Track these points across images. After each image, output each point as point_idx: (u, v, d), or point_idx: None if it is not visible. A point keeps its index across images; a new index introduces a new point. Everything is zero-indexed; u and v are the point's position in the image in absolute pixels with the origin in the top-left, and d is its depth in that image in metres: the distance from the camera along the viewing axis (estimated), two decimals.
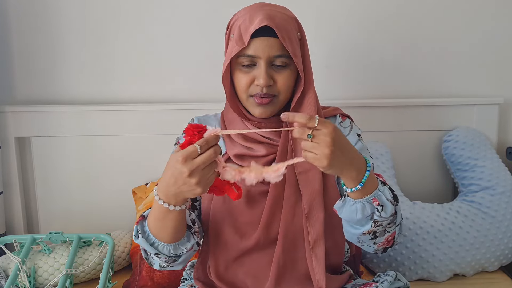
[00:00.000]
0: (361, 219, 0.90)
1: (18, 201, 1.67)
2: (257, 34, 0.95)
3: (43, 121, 1.64)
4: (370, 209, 0.89)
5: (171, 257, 0.96)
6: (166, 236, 0.93)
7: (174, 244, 0.95)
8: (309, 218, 1.00)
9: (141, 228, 0.96)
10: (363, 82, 1.71)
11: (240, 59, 0.98)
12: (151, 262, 1.00)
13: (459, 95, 1.74)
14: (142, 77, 1.69)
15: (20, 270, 1.31)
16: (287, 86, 1.00)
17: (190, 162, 0.79)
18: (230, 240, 1.03)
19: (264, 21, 0.94)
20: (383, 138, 1.69)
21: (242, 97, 1.01)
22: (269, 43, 0.96)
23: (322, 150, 0.79)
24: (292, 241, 1.02)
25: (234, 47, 0.96)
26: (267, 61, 0.97)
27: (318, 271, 1.00)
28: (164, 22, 1.66)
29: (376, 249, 0.99)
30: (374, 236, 0.94)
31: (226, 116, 1.09)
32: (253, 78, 0.98)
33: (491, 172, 1.58)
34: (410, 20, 1.69)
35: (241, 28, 0.97)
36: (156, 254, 0.95)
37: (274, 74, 0.98)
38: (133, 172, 1.67)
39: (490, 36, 1.71)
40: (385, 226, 0.92)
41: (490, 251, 1.51)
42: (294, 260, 1.02)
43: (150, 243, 0.94)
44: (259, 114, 1.01)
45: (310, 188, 1.00)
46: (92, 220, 1.69)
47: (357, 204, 0.89)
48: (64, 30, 1.65)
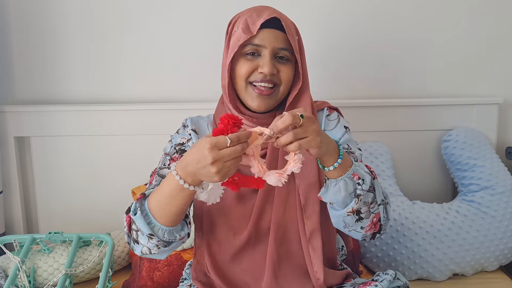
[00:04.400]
0: (345, 197, 0.93)
1: (17, 201, 1.67)
2: (264, 26, 1.01)
3: (43, 120, 1.64)
4: (352, 185, 0.93)
5: (163, 241, 0.95)
6: (166, 217, 0.92)
7: (170, 228, 0.94)
8: (305, 210, 1.02)
9: (140, 206, 0.94)
10: (362, 81, 1.71)
11: (245, 48, 1.02)
12: (134, 247, 0.98)
13: (458, 95, 1.74)
14: (142, 77, 1.69)
15: (19, 270, 1.31)
16: (288, 78, 1.04)
17: (216, 152, 0.80)
18: (224, 238, 1.04)
19: (274, 14, 1.01)
20: (383, 138, 1.69)
21: (241, 85, 1.03)
22: (276, 35, 1.01)
23: (312, 128, 0.84)
24: (284, 234, 1.02)
25: (242, 35, 1.00)
26: (272, 52, 1.01)
27: (316, 262, 1.01)
28: (165, 22, 1.66)
29: (364, 235, 1.00)
30: (359, 217, 0.95)
31: (218, 116, 1.11)
32: (256, 66, 1.02)
33: (491, 172, 1.58)
34: (410, 19, 1.69)
35: (248, 20, 1.02)
36: (150, 235, 0.93)
37: (277, 64, 1.03)
38: (132, 172, 1.67)
39: (490, 36, 1.72)
40: (369, 205, 0.94)
41: (489, 250, 1.51)
42: (289, 253, 1.03)
43: (147, 221, 0.93)
44: (257, 106, 1.03)
45: (307, 180, 1.02)
46: (92, 220, 1.69)
47: (340, 183, 0.92)
48: (64, 30, 1.65)
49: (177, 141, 1.11)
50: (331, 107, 1.15)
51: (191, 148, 0.85)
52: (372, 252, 1.51)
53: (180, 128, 1.14)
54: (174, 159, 1.08)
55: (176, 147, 1.10)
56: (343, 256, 1.21)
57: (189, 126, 1.12)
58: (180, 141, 1.10)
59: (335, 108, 1.16)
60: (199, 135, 1.11)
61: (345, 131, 1.10)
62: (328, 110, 1.14)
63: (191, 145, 1.09)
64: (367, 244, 1.52)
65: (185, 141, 1.10)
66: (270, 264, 1.01)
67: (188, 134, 1.11)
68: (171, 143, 1.12)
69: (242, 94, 1.04)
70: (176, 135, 1.13)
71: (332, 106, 1.15)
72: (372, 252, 1.51)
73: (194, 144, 0.86)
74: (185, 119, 1.16)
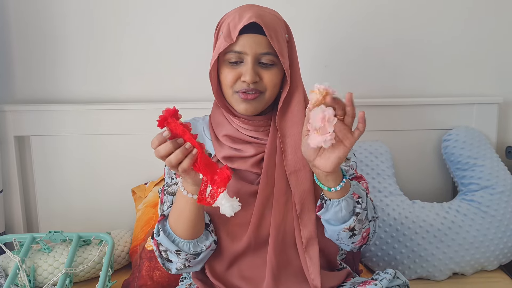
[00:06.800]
0: (345, 216, 0.95)
1: (17, 200, 1.67)
2: (245, 31, 0.97)
3: (43, 120, 1.64)
4: (352, 204, 0.95)
5: (191, 254, 0.98)
6: (185, 231, 0.95)
7: (193, 241, 0.97)
8: (301, 218, 1.01)
9: (162, 226, 0.98)
10: (362, 81, 1.71)
11: (228, 55, 0.99)
12: (169, 266, 1.02)
13: (458, 95, 1.74)
14: (142, 76, 1.69)
15: (19, 269, 1.31)
16: (273, 83, 1.01)
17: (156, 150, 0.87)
18: (223, 243, 1.03)
19: (253, 18, 0.96)
20: (383, 138, 1.69)
21: (228, 92, 1.02)
22: (257, 40, 0.97)
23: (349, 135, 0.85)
24: (283, 241, 1.02)
25: (222, 43, 0.98)
26: (254, 58, 0.98)
27: (313, 270, 1.01)
28: (164, 21, 1.66)
29: (352, 247, 1.04)
30: (352, 234, 0.98)
31: (214, 119, 1.10)
32: (239, 75, 0.99)
33: (491, 171, 1.58)
34: (410, 19, 1.69)
35: (230, 25, 0.98)
36: (177, 251, 0.97)
37: (260, 71, 0.99)
38: (132, 171, 1.67)
39: (490, 36, 1.72)
40: (362, 222, 0.97)
41: (489, 250, 1.51)
42: (288, 259, 1.03)
43: (171, 240, 0.96)
44: (244, 110, 1.01)
45: (301, 188, 1.01)
46: (92, 219, 1.69)
47: (342, 203, 0.93)
48: (64, 30, 1.65)
49: None
50: None
51: None
52: (371, 251, 1.51)
53: None
54: None
55: None
56: (343, 255, 1.21)
57: None
58: None
59: None
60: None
61: None
62: None
63: None
64: None
65: None
66: (269, 271, 1.01)
67: None
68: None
69: (229, 100, 1.03)
70: None
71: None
72: (372, 251, 1.51)
73: None
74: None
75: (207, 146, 1.09)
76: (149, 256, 1.42)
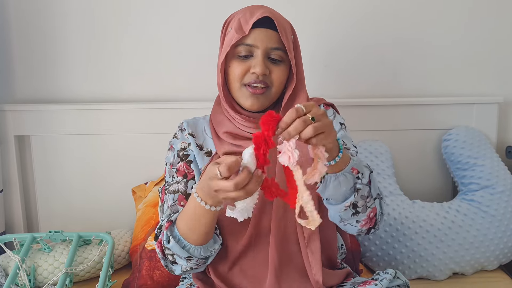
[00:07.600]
0: (345, 192, 0.92)
1: (17, 200, 1.67)
2: (257, 25, 1.00)
3: (43, 119, 1.64)
4: (352, 180, 0.92)
5: (202, 259, 0.98)
6: (197, 237, 0.95)
7: (204, 246, 0.97)
8: (303, 212, 1.01)
9: (171, 233, 0.97)
10: (362, 81, 1.71)
11: (238, 48, 1.01)
12: (172, 268, 1.01)
13: (458, 94, 1.74)
14: (142, 76, 1.69)
15: (20, 269, 1.31)
16: (280, 80, 1.03)
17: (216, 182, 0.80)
18: (226, 243, 1.04)
19: (266, 13, 1.00)
20: (383, 137, 1.69)
21: (235, 86, 1.03)
22: (268, 34, 1.00)
23: (327, 122, 0.80)
24: (284, 237, 1.02)
25: (234, 35, 1.00)
26: (264, 52, 1.00)
27: (315, 265, 1.01)
28: (165, 21, 1.66)
29: (359, 229, 1.00)
30: (355, 211, 0.95)
31: (214, 118, 1.11)
32: (249, 67, 1.01)
33: (491, 171, 1.58)
34: (410, 19, 1.69)
35: (241, 20, 1.01)
36: (188, 257, 0.97)
37: (270, 65, 1.02)
38: (133, 171, 1.67)
39: (490, 35, 1.72)
40: (365, 198, 0.94)
41: (489, 250, 1.51)
42: (289, 255, 1.03)
43: (181, 246, 0.96)
44: (250, 104, 1.02)
45: None
46: (92, 218, 1.69)
47: (340, 178, 0.90)
48: (64, 29, 1.65)
49: (178, 146, 1.10)
50: (327, 103, 1.15)
51: (204, 171, 0.88)
52: (372, 251, 1.51)
53: (177, 132, 1.13)
54: (180, 169, 1.07)
55: (179, 153, 1.09)
56: (343, 255, 1.21)
57: (186, 129, 1.11)
58: (181, 146, 1.09)
59: (331, 104, 1.16)
60: (196, 139, 1.10)
61: (340, 127, 1.11)
62: (324, 107, 1.14)
63: (193, 149, 1.08)
64: (367, 243, 1.52)
65: (186, 146, 1.09)
66: (272, 267, 1.01)
67: (187, 138, 1.10)
68: (172, 151, 1.10)
69: (236, 94, 1.04)
70: (175, 141, 1.11)
71: (328, 103, 1.16)
72: (372, 251, 1.51)
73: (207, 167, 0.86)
74: (181, 122, 1.14)
75: (208, 144, 1.09)
76: (149, 256, 1.42)
